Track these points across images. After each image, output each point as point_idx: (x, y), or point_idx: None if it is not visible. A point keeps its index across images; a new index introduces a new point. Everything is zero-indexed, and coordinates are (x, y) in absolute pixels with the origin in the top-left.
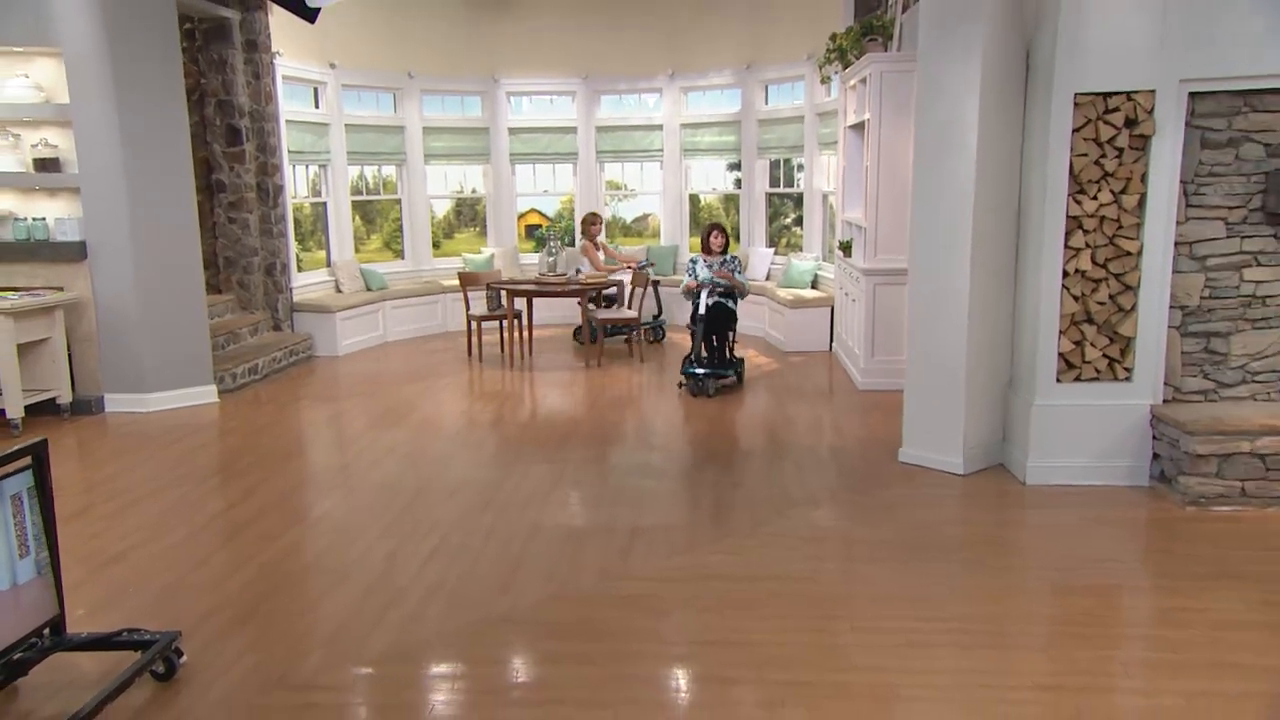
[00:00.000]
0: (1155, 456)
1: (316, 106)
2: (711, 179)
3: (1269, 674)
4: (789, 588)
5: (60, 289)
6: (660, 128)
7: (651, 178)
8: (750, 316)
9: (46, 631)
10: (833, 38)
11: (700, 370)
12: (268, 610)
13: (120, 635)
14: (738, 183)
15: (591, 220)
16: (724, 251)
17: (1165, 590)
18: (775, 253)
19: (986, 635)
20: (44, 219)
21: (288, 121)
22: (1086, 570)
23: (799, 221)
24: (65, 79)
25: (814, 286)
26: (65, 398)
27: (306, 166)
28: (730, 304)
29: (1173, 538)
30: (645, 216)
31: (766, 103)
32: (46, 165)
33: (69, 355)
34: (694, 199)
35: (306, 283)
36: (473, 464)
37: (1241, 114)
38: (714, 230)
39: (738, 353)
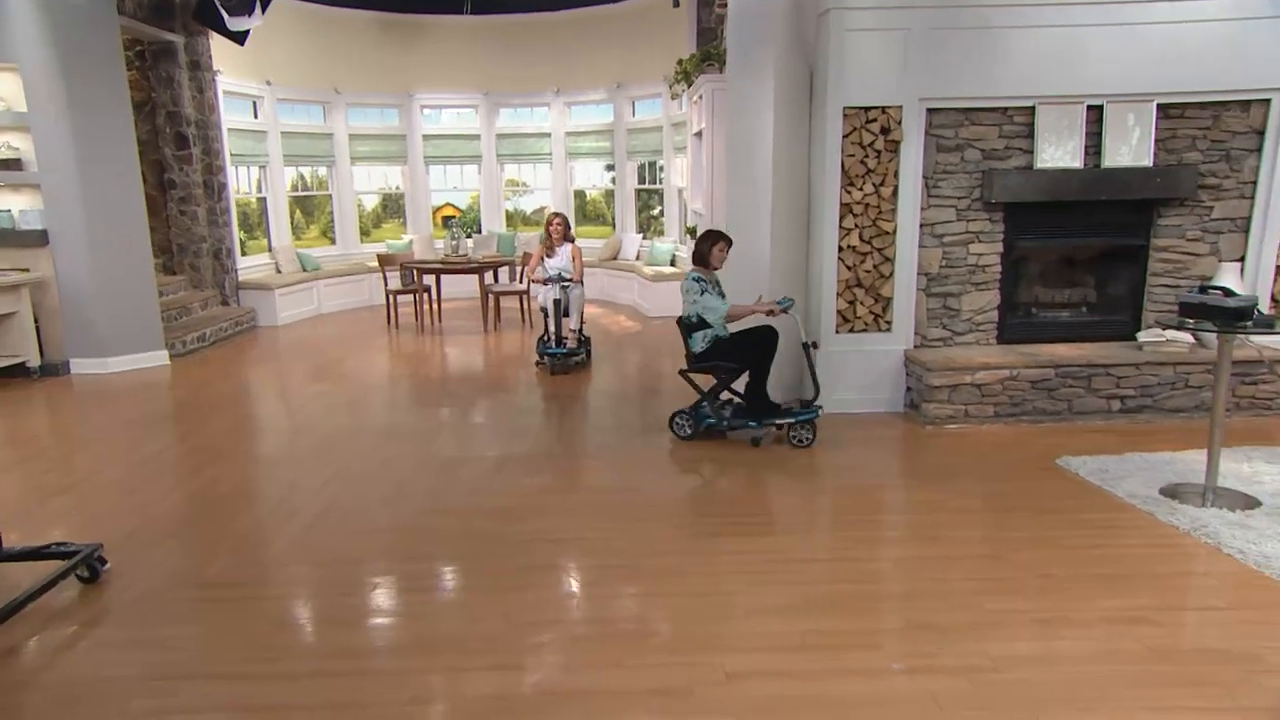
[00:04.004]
0: (908, 389)
1: (255, 116)
2: (592, 177)
3: (955, 542)
4: (619, 498)
5: (26, 270)
6: (549, 135)
7: (543, 177)
8: (621, 289)
9: None
10: (680, 62)
11: (806, 412)
12: (185, 528)
13: (49, 548)
14: (613, 180)
15: (549, 220)
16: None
17: (902, 487)
18: (644, 237)
19: (764, 525)
20: (9, 210)
21: (230, 129)
22: (850, 475)
23: (663, 212)
24: (23, 91)
25: (672, 264)
26: (34, 361)
27: (248, 167)
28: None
29: (916, 449)
30: (541, 209)
31: (634, 115)
32: (9, 165)
33: (36, 326)
34: (580, 194)
35: (251, 265)
36: (379, 409)
37: (964, 126)
38: (719, 242)
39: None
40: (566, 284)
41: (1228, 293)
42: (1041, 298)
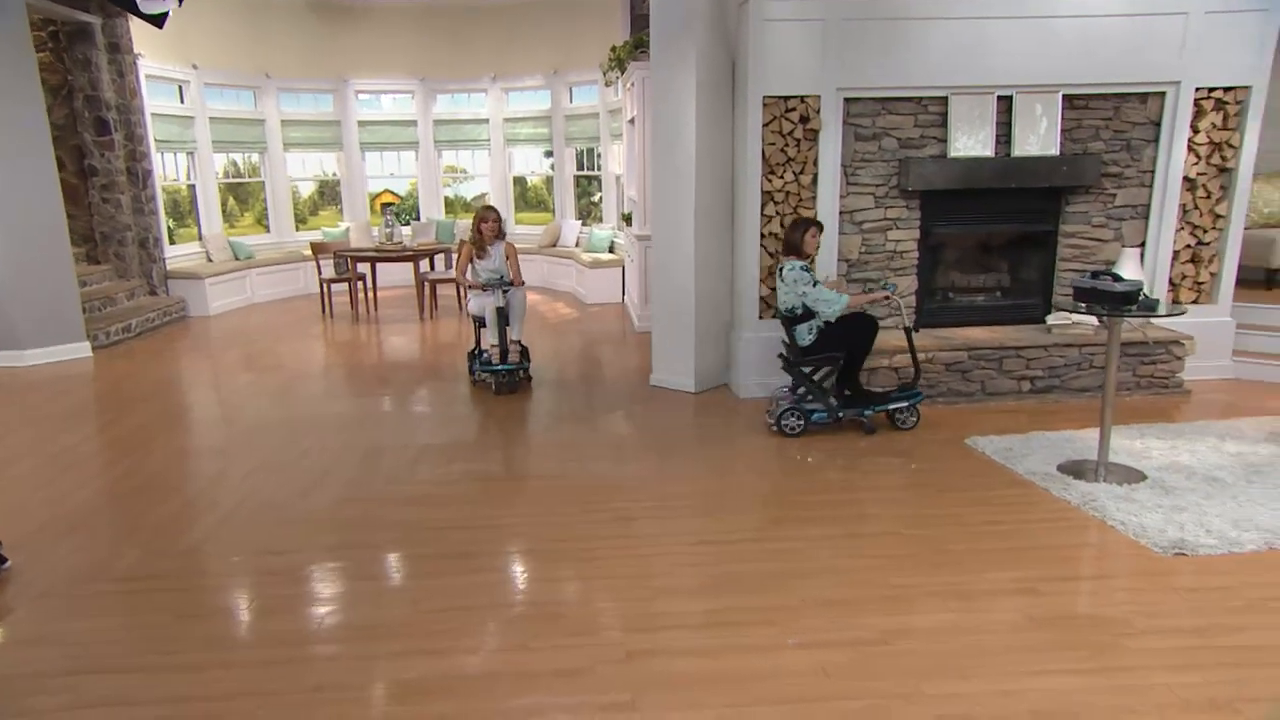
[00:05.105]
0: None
1: (182, 101)
2: (530, 164)
3: (863, 520)
4: (540, 484)
5: None
6: (486, 121)
7: (482, 163)
8: (560, 276)
9: None
10: (613, 49)
11: (911, 395)
12: (97, 522)
13: None
14: (552, 167)
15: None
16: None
17: (819, 469)
18: (583, 224)
19: (684, 509)
20: None
21: (154, 114)
22: (767, 457)
23: (602, 199)
24: None
25: (611, 251)
26: None
27: (176, 154)
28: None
29: (834, 431)
30: (482, 195)
31: (571, 101)
32: None
33: None
34: (520, 180)
35: (180, 253)
36: (306, 399)
37: (881, 115)
38: (811, 228)
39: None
40: (508, 288)
41: (1116, 278)
42: (957, 283)
